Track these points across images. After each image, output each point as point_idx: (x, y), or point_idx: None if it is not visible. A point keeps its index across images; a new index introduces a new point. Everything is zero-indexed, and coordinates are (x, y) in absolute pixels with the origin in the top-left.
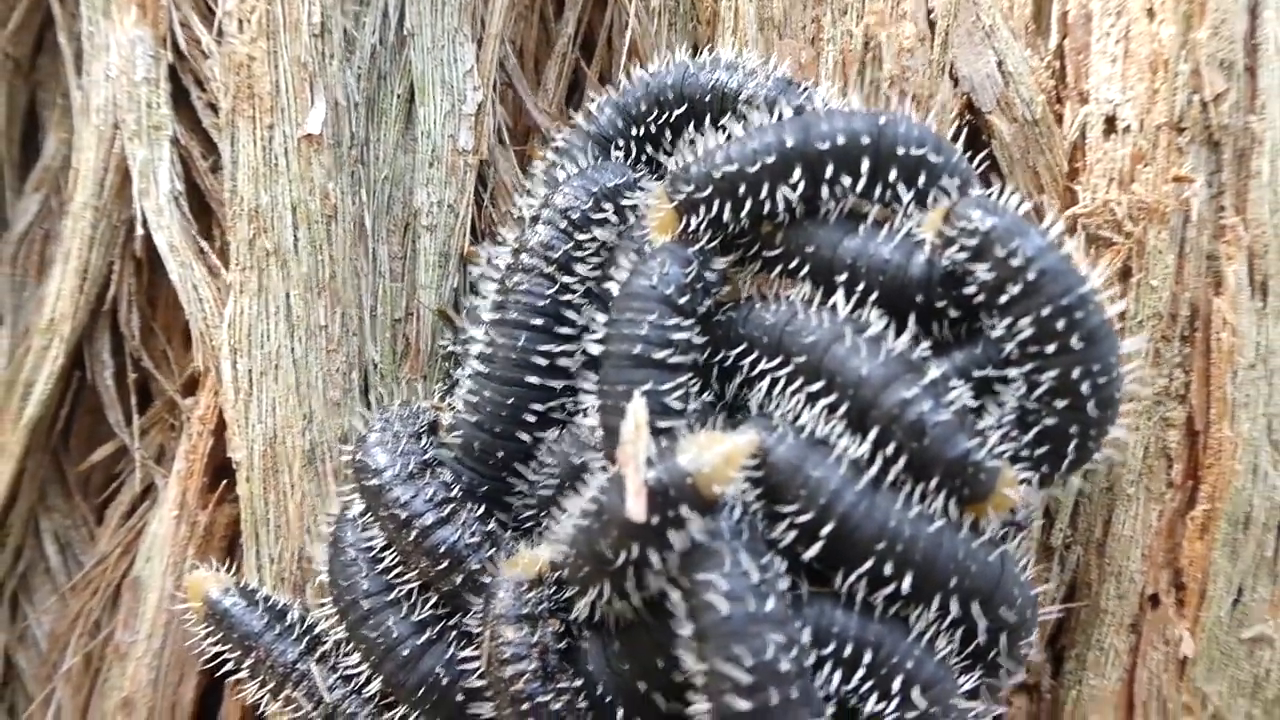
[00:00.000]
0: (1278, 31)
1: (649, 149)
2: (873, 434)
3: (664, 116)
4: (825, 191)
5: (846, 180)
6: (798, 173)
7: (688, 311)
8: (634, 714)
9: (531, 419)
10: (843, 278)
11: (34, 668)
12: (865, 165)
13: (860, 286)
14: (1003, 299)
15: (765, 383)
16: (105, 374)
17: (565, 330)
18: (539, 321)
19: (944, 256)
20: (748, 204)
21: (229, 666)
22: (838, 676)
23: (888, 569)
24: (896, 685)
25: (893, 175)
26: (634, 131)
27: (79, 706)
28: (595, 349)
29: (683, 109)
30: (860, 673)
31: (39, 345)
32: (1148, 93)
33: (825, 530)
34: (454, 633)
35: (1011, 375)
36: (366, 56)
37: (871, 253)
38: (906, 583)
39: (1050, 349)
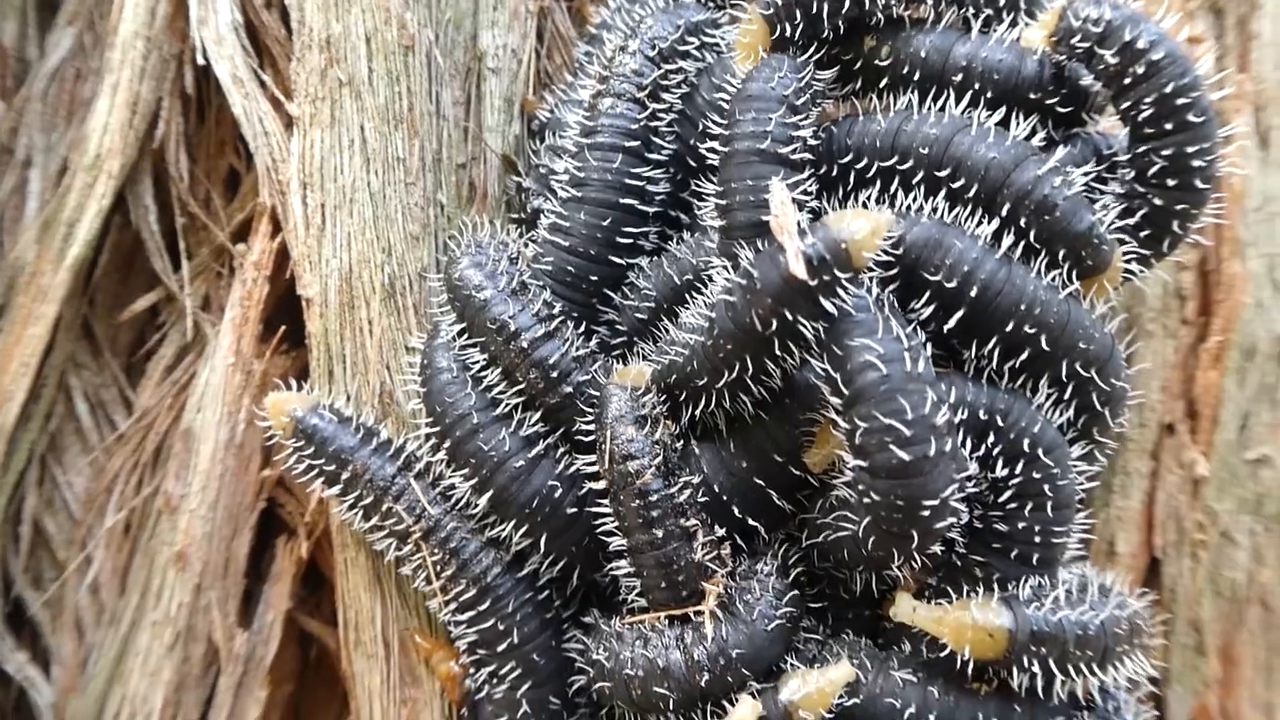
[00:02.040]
0: None
1: None
2: (1004, 211)
3: None
4: None
5: None
6: None
7: (804, 112)
8: (748, 512)
9: (625, 242)
10: (957, 79)
11: (64, 533)
12: None
13: (974, 88)
14: (1127, 80)
15: (878, 184)
16: (149, 218)
17: (655, 156)
18: (632, 144)
19: (1064, 49)
20: (848, 2)
21: (316, 486)
22: (968, 444)
23: (1026, 331)
24: (1026, 446)
25: None
26: None
27: (118, 569)
28: (713, 155)
29: None
30: (991, 437)
31: (83, 183)
32: None
33: (970, 295)
34: (559, 450)
35: (1121, 161)
36: None
37: (985, 55)
38: (1042, 344)
39: (1169, 125)
